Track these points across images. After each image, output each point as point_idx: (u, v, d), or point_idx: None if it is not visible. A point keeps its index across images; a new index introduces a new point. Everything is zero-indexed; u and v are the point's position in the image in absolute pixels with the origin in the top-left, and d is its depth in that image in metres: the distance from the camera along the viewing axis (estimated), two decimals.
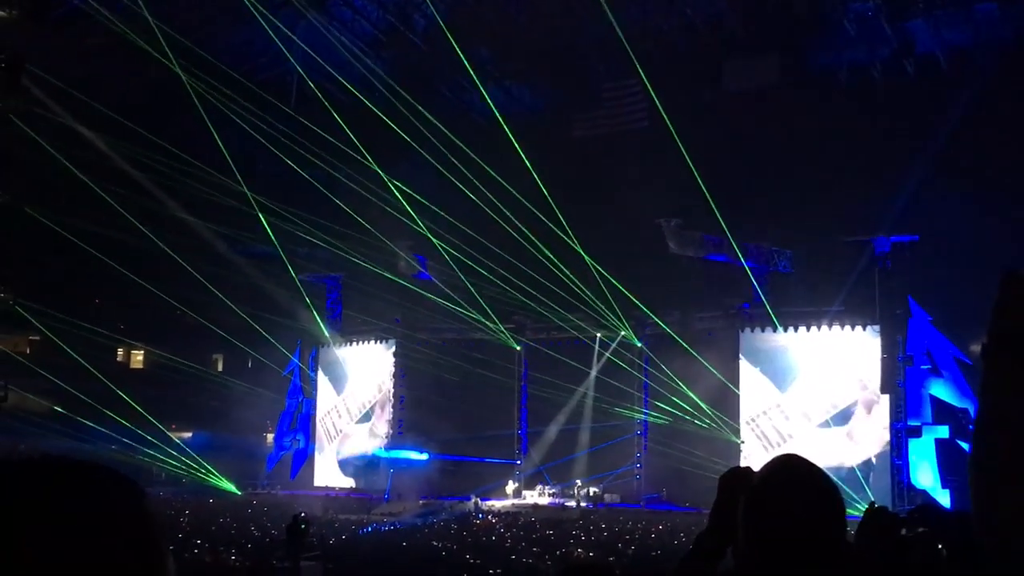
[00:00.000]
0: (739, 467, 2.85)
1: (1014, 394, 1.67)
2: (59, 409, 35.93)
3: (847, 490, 32.27)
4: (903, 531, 2.70)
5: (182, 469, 40.15)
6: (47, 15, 33.85)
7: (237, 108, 31.14)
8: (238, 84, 31.57)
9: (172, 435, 41.39)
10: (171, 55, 29.46)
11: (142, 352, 50.25)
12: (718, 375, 35.48)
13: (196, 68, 30.23)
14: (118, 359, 50.06)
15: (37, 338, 41.90)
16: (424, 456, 41.24)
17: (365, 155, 32.33)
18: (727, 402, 36.13)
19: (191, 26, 33.33)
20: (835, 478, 2.50)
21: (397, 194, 33.37)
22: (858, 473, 33.41)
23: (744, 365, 36.38)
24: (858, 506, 2.71)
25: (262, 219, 33.83)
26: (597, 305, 35.32)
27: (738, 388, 36.20)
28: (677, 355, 36.19)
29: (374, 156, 33.05)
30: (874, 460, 33.79)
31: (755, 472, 2.55)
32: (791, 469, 2.48)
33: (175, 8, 33.18)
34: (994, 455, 1.68)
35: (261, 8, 29.41)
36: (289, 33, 33.35)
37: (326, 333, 43.99)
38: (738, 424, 35.98)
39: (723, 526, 2.69)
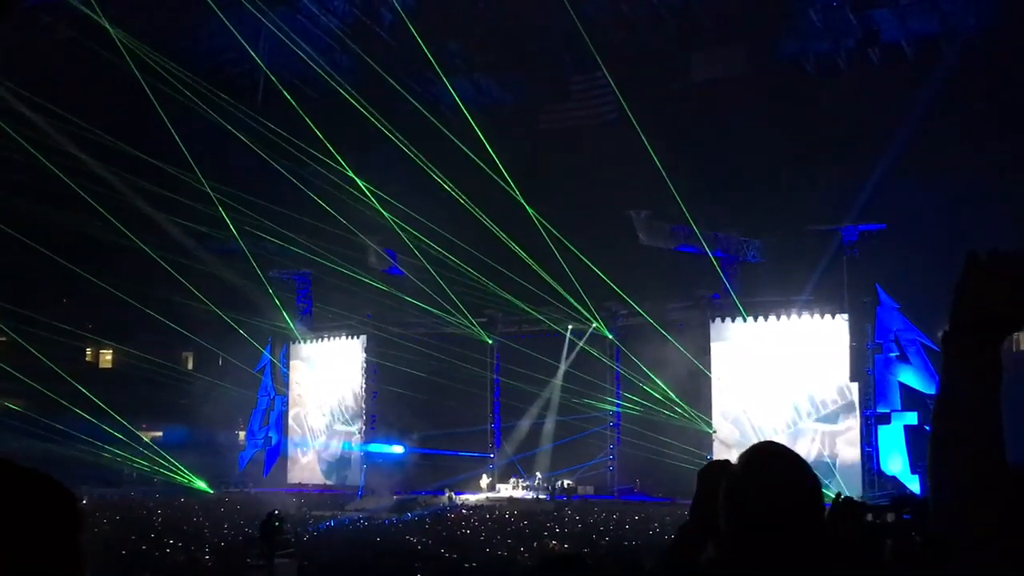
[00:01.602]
0: (718, 460, 2.87)
1: (971, 376, 1.71)
2: (20, 410, 35.52)
3: (817, 475, 32.55)
4: (869, 516, 2.73)
5: (153, 468, 39.86)
6: (9, 11, 33.41)
7: (203, 104, 30.90)
8: (205, 80, 31.31)
9: (142, 434, 41.10)
10: (136, 51, 29.17)
11: (111, 351, 49.86)
12: (690, 365, 35.64)
13: (162, 64, 29.97)
14: (87, 359, 49.64)
15: (4, 339, 41.45)
16: (401, 449, 41.23)
17: (332, 150, 32.17)
18: (699, 392, 36.32)
19: (156, 21, 33.06)
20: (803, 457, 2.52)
21: (365, 189, 33.24)
22: (828, 460, 33.71)
23: (715, 355, 36.56)
24: (828, 493, 2.73)
25: (225, 217, 33.56)
26: (568, 298, 35.37)
27: (710, 378, 36.38)
28: (648, 346, 36.33)
29: (342, 151, 32.89)
30: (844, 447, 34.05)
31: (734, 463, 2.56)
32: (770, 456, 2.50)
33: (140, 2, 32.89)
34: (951, 436, 1.71)
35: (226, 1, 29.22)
36: (260, 19, 33.08)
37: (295, 330, 43.81)
38: (710, 414, 36.16)
39: (704, 518, 2.72)
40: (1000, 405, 1.70)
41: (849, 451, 33.90)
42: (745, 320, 36.09)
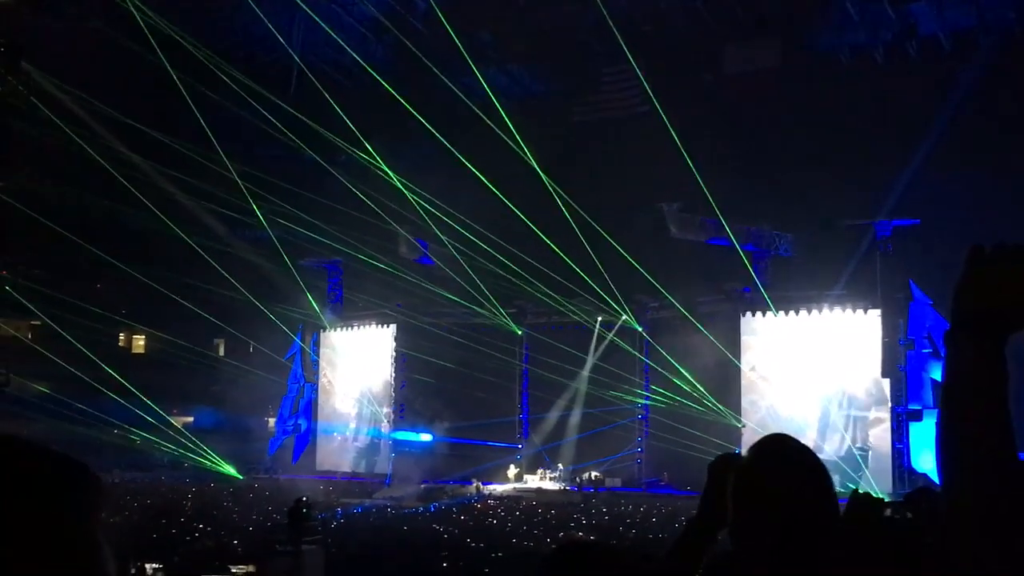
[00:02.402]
0: (728, 453, 2.87)
1: (972, 376, 1.68)
2: (53, 393, 35.92)
3: (848, 471, 32.36)
4: (888, 512, 2.71)
5: (184, 453, 40.24)
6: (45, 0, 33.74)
7: (238, 92, 31.06)
8: (239, 67, 31.46)
9: (174, 420, 41.47)
10: (171, 39, 29.36)
11: (144, 337, 50.32)
12: (720, 358, 35.47)
13: (196, 52, 30.15)
14: (120, 344, 50.12)
15: (38, 323, 41.92)
16: (428, 437, 41.36)
17: (363, 140, 32.24)
18: (728, 386, 36.15)
19: (192, 9, 33.23)
20: (835, 461, 2.51)
21: (395, 179, 33.28)
22: (858, 456, 33.48)
23: (745, 349, 36.38)
24: (851, 486, 2.71)
25: (254, 206, 33.73)
26: (597, 290, 35.31)
27: (739, 372, 36.21)
28: (678, 339, 36.22)
29: (375, 141, 32.97)
30: (875, 443, 33.82)
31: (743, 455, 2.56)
32: (778, 448, 2.49)
33: None
34: (954, 435, 1.69)
35: None
36: (294, 7, 33.23)
37: (324, 319, 44.02)
38: (739, 408, 36.00)
39: (713, 511, 2.72)
40: (1007, 404, 1.66)
41: (880, 447, 33.64)
42: (776, 314, 35.88)
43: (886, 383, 33.69)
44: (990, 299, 1.68)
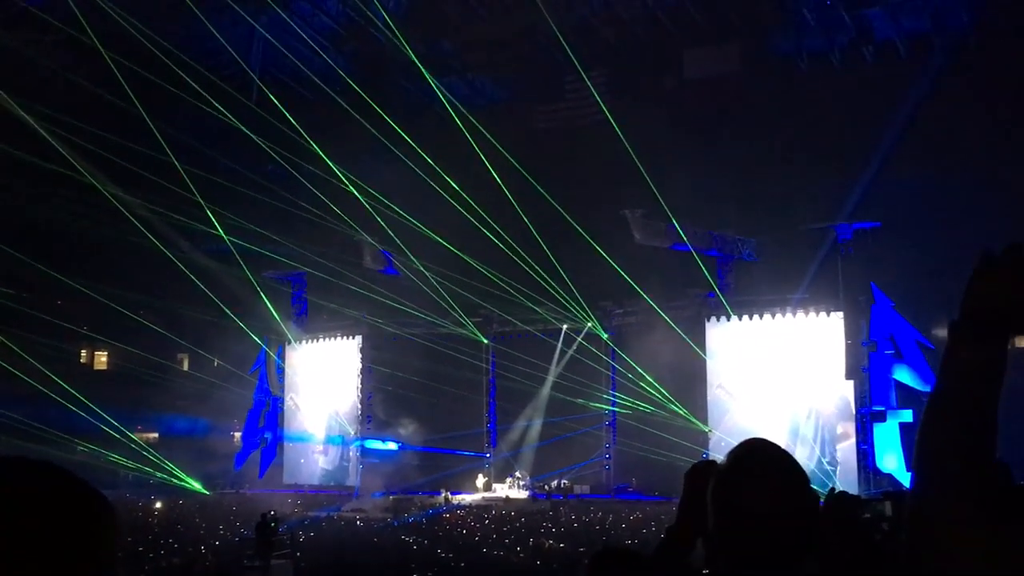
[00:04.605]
0: (705, 459, 2.87)
1: (973, 371, 1.70)
2: (17, 414, 35.43)
3: (817, 475, 32.57)
4: (866, 515, 2.73)
5: (149, 470, 39.81)
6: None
7: (198, 104, 30.84)
8: (199, 79, 31.23)
9: (138, 436, 41.03)
10: (130, 49, 29.09)
11: (106, 353, 49.79)
12: (686, 363, 35.58)
13: (156, 63, 29.89)
14: (82, 360, 49.57)
15: None
16: (394, 446, 41.21)
17: (327, 151, 32.11)
18: (695, 391, 36.26)
19: (151, 19, 32.97)
20: (803, 464, 2.52)
21: (354, 191, 33.14)
22: (823, 460, 33.71)
23: (710, 353, 36.53)
24: (822, 492, 2.72)
25: (213, 219, 33.48)
26: (563, 297, 35.37)
27: (705, 377, 36.34)
28: (643, 345, 36.29)
29: (337, 151, 32.84)
30: (840, 445, 34.06)
31: (721, 461, 2.56)
32: (756, 453, 2.49)
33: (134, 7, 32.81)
34: (941, 430, 1.71)
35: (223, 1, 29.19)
36: (254, 23, 33.08)
37: (288, 332, 43.73)
38: (706, 412, 36.12)
39: (692, 518, 2.72)
40: (997, 405, 1.69)
41: (845, 448, 33.89)
42: (740, 319, 36.07)
43: (851, 395, 33.89)
44: (999, 300, 1.71)
